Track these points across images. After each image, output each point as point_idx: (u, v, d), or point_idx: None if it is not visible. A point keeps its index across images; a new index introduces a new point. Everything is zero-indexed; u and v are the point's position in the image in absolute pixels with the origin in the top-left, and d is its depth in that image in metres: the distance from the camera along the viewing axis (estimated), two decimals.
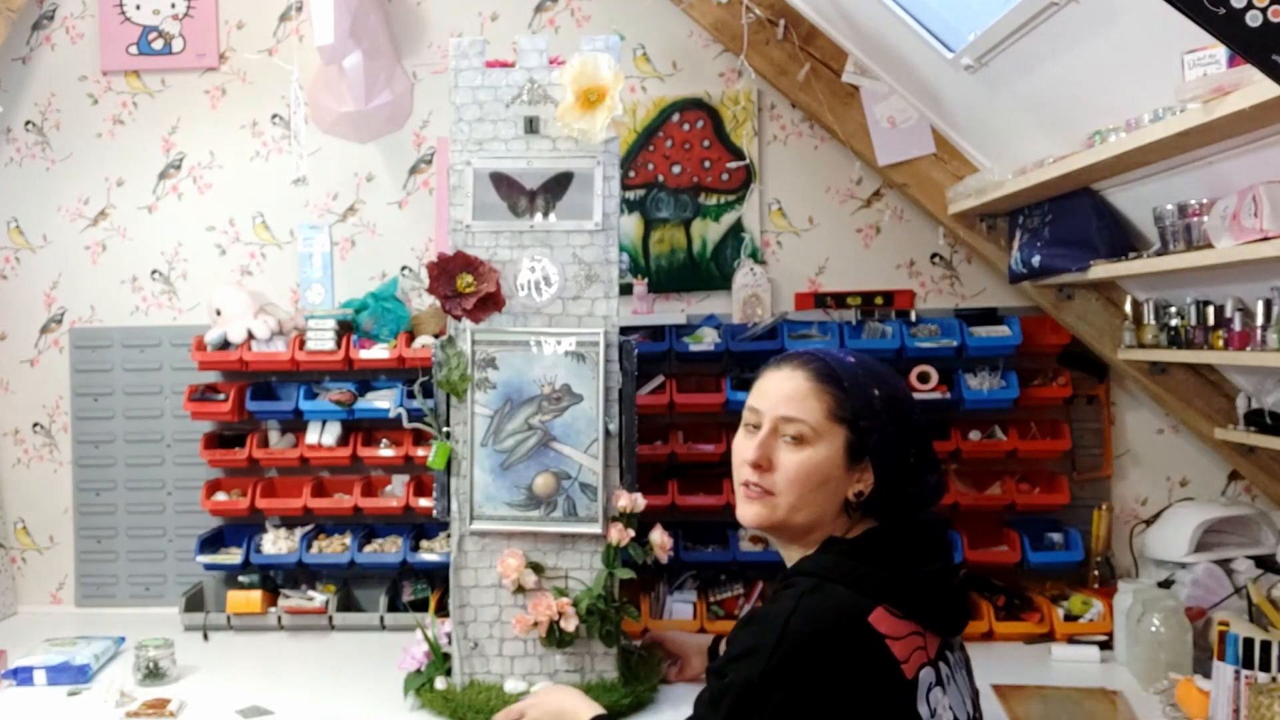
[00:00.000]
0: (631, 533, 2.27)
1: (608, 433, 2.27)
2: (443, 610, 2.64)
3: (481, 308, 2.22)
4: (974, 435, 2.81)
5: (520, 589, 2.26)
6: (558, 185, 2.29)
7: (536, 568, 2.27)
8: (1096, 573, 2.75)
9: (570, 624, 2.22)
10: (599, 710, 1.77)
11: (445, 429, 2.28)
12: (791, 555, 1.43)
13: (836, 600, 1.28)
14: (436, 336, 2.58)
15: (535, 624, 2.23)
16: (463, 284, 2.18)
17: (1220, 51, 1.70)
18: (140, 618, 2.94)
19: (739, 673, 1.27)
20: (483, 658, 2.30)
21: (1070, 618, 2.61)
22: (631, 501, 2.28)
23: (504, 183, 2.28)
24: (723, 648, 2.26)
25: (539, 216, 2.28)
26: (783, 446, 1.39)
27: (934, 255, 2.95)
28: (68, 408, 3.11)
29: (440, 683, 2.29)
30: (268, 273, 3.09)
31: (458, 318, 2.22)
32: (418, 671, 2.35)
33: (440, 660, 2.35)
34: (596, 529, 2.27)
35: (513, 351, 2.27)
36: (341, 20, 2.61)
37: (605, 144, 2.27)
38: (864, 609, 1.26)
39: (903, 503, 1.40)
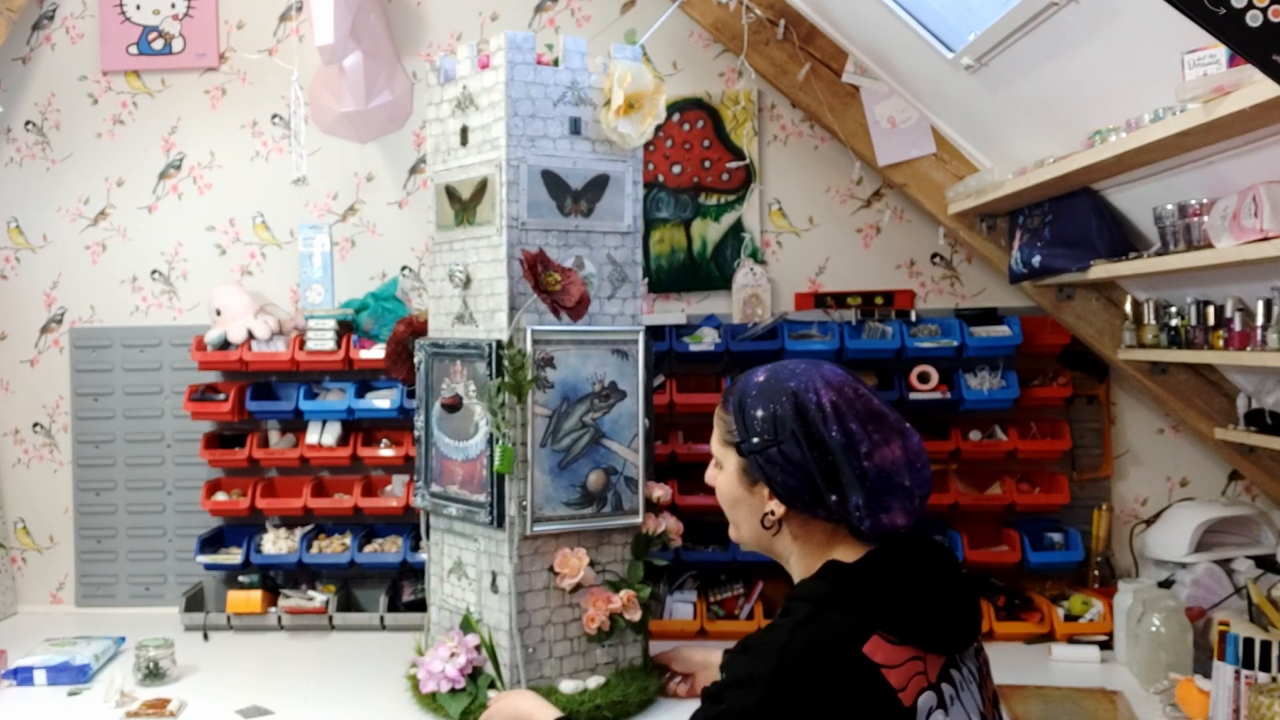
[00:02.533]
0: (664, 521, 2.34)
1: (645, 427, 2.32)
2: None
3: (582, 305, 2.19)
4: (974, 435, 2.81)
5: (579, 586, 2.26)
6: (596, 186, 2.30)
7: (591, 564, 2.28)
8: (1096, 573, 2.75)
9: (635, 615, 2.27)
10: (557, 713, 1.78)
11: (504, 431, 2.21)
12: (794, 573, 1.43)
13: (831, 630, 1.27)
14: None
15: (597, 619, 2.25)
16: (550, 281, 2.16)
17: (1220, 51, 1.70)
18: (140, 618, 2.94)
19: (733, 702, 1.27)
20: (535, 662, 2.25)
21: (1070, 618, 2.61)
22: (664, 491, 2.36)
23: (553, 181, 2.27)
24: None
25: (581, 216, 2.30)
26: None
27: (934, 255, 2.95)
28: (68, 408, 3.12)
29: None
30: (268, 273, 3.09)
31: (558, 315, 2.19)
32: (456, 691, 2.19)
33: (494, 668, 2.25)
34: (639, 520, 2.32)
35: (569, 351, 2.26)
36: (341, 20, 2.61)
37: (633, 148, 2.33)
38: (859, 638, 1.25)
39: (844, 525, 1.35)
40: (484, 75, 2.27)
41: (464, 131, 2.32)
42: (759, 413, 1.36)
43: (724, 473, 1.44)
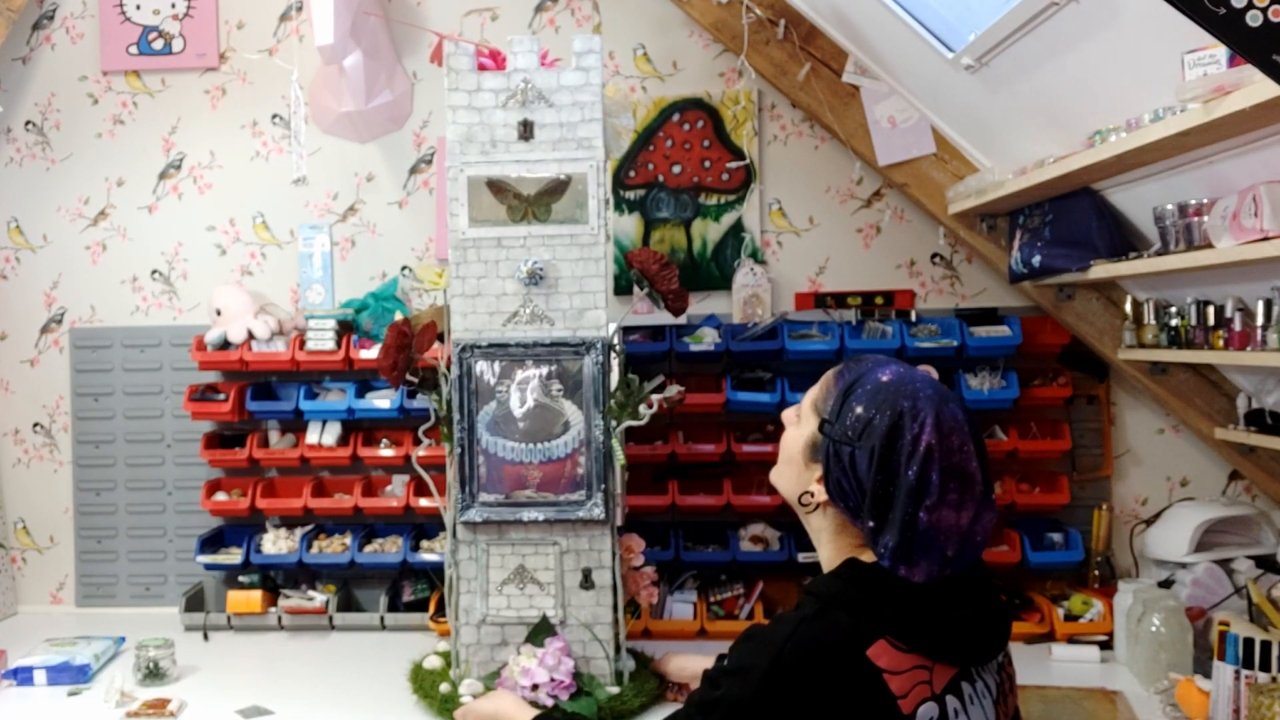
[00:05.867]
0: None
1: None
2: (441, 611, 2.64)
3: (685, 300, 2.36)
4: None
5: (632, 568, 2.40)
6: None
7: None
8: (1097, 573, 2.75)
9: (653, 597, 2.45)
10: (535, 712, 1.78)
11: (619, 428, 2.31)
12: (821, 555, 1.41)
13: (836, 629, 1.25)
14: (440, 339, 2.56)
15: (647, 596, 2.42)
16: (668, 278, 2.33)
17: (1220, 51, 1.70)
18: (140, 618, 2.94)
19: (730, 689, 1.27)
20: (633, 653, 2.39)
21: (1070, 618, 2.61)
22: None
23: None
24: None
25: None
26: None
27: (934, 255, 2.95)
28: (68, 408, 3.12)
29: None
30: (268, 273, 3.09)
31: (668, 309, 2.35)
32: (575, 695, 2.21)
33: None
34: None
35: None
36: (341, 20, 2.61)
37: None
38: (864, 640, 1.24)
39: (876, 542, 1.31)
40: (562, 74, 2.26)
41: (527, 126, 2.28)
42: (858, 409, 1.30)
43: (799, 430, 1.40)
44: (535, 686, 2.18)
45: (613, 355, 2.32)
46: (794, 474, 1.40)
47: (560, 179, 2.28)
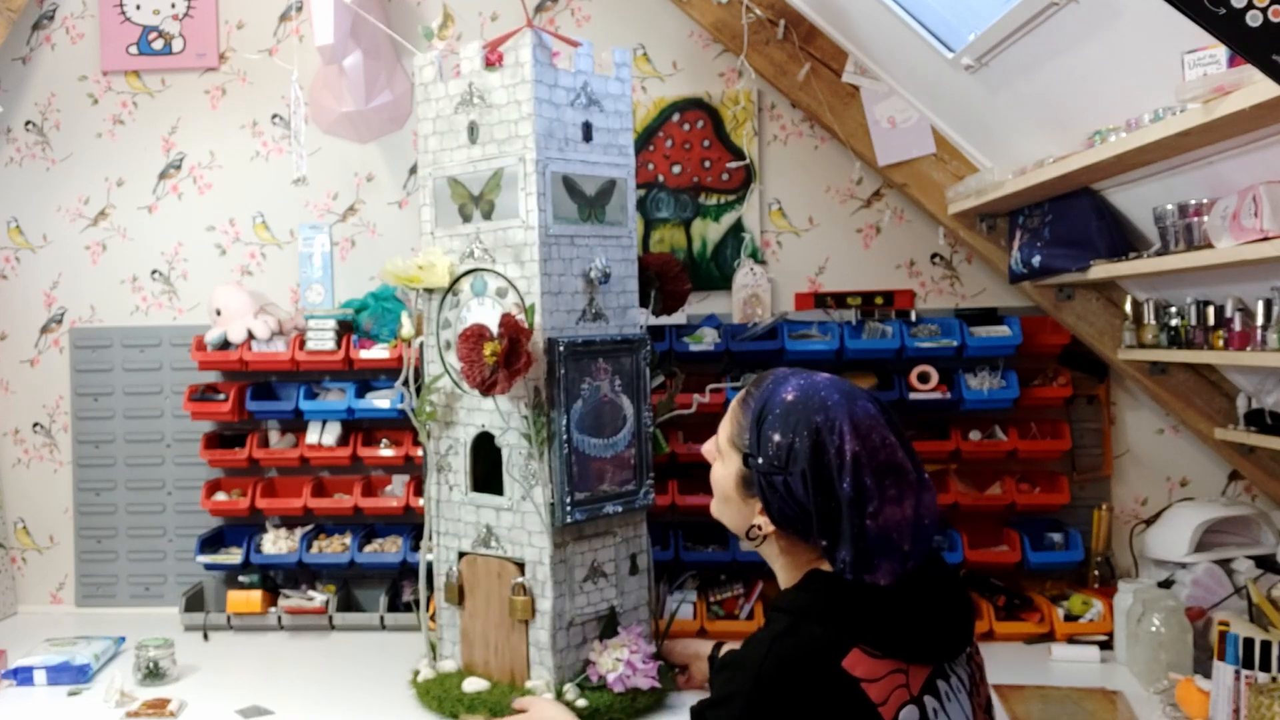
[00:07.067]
0: None
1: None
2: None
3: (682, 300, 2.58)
4: (974, 435, 2.81)
5: None
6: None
7: None
8: (1096, 573, 2.75)
9: None
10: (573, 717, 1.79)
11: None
12: (777, 574, 1.41)
13: (810, 643, 1.25)
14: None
15: None
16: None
17: (1220, 51, 1.70)
18: (140, 618, 2.94)
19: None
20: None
21: (1070, 618, 2.61)
22: None
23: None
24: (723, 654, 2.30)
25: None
26: None
27: (934, 255, 2.95)
28: (68, 408, 3.12)
29: None
30: (268, 273, 3.09)
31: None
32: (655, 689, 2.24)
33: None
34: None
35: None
36: (341, 20, 2.61)
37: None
38: (838, 652, 1.24)
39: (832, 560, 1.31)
40: (608, 82, 2.32)
41: (588, 127, 2.29)
42: (775, 437, 1.31)
43: (724, 467, 1.42)
44: (631, 674, 2.21)
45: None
46: (735, 510, 1.41)
47: (609, 181, 2.34)
